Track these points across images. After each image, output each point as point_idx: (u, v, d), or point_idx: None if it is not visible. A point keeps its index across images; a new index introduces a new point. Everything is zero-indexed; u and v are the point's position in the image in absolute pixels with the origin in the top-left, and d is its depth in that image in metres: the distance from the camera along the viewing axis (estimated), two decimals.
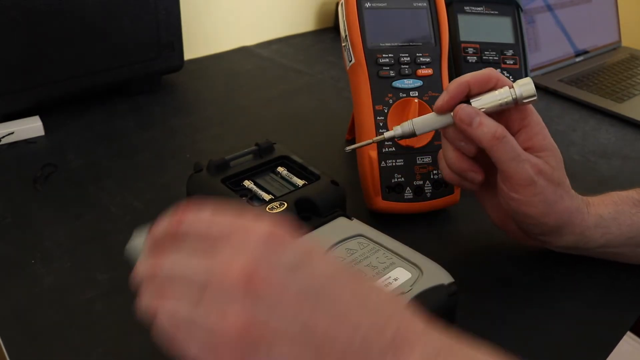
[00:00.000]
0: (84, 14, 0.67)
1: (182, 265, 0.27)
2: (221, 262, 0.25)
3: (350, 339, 0.24)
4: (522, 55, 0.63)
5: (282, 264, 0.25)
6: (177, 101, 0.78)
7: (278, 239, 0.26)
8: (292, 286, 0.25)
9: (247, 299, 0.24)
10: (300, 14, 1.11)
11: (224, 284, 0.24)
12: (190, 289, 0.26)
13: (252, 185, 0.45)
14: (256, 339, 0.24)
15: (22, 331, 0.40)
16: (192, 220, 0.28)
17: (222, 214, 0.27)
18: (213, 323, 0.24)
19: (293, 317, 0.24)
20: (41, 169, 0.60)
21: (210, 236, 0.27)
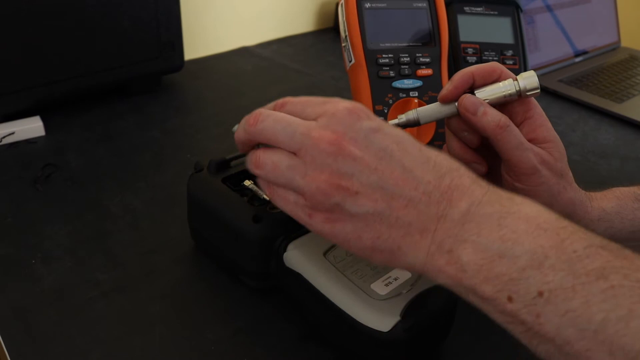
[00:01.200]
0: (84, 14, 0.67)
1: (284, 120, 0.33)
2: (316, 126, 0.32)
3: (415, 190, 0.30)
4: (521, 55, 0.63)
5: (363, 128, 0.31)
6: (177, 101, 0.78)
7: (359, 110, 0.32)
8: (371, 146, 0.31)
9: (338, 157, 0.31)
10: (300, 14, 1.11)
11: (319, 145, 0.31)
12: (289, 143, 0.32)
13: (252, 185, 0.45)
14: (343, 190, 0.31)
15: (23, 331, 0.40)
16: (292, 101, 0.35)
17: (316, 100, 0.34)
18: (310, 177, 0.31)
19: (373, 170, 0.31)
20: (42, 169, 0.60)
21: (306, 109, 0.34)
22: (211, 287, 0.45)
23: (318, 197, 0.31)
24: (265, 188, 0.35)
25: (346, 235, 0.31)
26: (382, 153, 0.31)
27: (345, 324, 0.36)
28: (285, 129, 0.33)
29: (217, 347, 0.40)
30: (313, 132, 0.32)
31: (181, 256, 0.48)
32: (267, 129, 0.33)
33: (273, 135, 0.33)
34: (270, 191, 0.35)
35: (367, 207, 0.30)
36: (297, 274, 0.39)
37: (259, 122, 0.34)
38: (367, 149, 0.31)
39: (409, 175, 0.31)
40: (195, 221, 0.47)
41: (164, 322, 0.41)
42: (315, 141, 0.31)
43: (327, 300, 0.37)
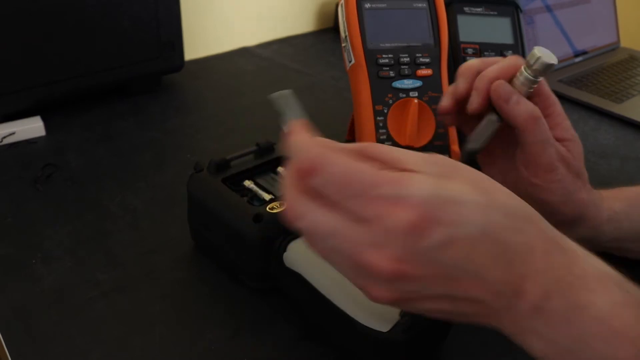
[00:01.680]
0: (84, 14, 0.67)
1: (325, 230, 0.27)
2: (367, 247, 0.26)
3: (485, 292, 0.27)
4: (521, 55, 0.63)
5: (429, 247, 0.26)
6: (177, 101, 0.78)
7: (423, 224, 0.25)
8: (438, 264, 0.26)
9: (398, 282, 0.26)
10: (300, 14, 1.11)
11: (374, 273, 0.26)
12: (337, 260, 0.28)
13: (252, 185, 0.45)
14: (406, 297, 0.27)
15: (23, 331, 0.40)
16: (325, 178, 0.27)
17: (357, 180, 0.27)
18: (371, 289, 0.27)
19: (441, 286, 0.27)
20: (42, 169, 0.60)
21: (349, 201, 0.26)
22: (211, 287, 0.45)
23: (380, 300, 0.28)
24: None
25: (419, 310, 0.29)
26: (450, 270, 0.26)
27: (345, 324, 0.36)
28: (325, 243, 0.27)
29: (217, 347, 0.40)
30: (364, 255, 0.26)
31: (181, 256, 0.48)
32: (306, 235, 0.28)
33: (311, 244, 0.28)
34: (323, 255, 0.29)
35: (435, 307, 0.28)
36: (297, 274, 0.39)
37: (294, 221, 0.28)
38: (433, 270, 0.26)
39: (480, 282, 0.27)
40: (195, 221, 0.47)
41: (164, 322, 0.41)
42: (371, 269, 0.26)
43: (327, 300, 0.37)
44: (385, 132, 0.52)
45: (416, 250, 0.26)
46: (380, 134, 0.52)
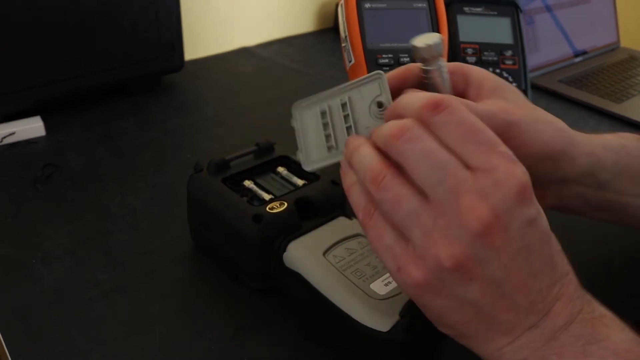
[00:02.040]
0: (84, 14, 0.68)
1: (435, 158, 0.27)
2: (472, 189, 0.26)
3: (526, 297, 0.27)
4: (521, 55, 0.63)
5: (522, 219, 0.26)
6: (177, 101, 0.78)
7: (528, 193, 0.27)
8: (519, 241, 0.27)
9: (477, 240, 0.26)
10: (300, 14, 1.11)
11: (465, 218, 0.26)
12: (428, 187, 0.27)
13: (252, 185, 0.45)
14: (462, 272, 0.26)
15: (23, 330, 0.40)
16: (456, 116, 0.27)
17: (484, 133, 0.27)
18: (433, 241, 0.27)
19: (503, 266, 0.27)
20: (42, 169, 0.60)
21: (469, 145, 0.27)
22: (211, 287, 0.45)
23: (428, 264, 0.27)
24: (363, 206, 0.30)
25: (431, 307, 0.29)
26: (522, 252, 0.27)
27: (345, 324, 0.36)
28: (430, 172, 0.27)
29: (217, 347, 0.40)
30: (465, 196, 0.26)
31: (181, 256, 0.48)
32: (409, 156, 0.27)
33: (412, 167, 0.27)
34: (367, 213, 0.29)
35: (473, 296, 0.27)
36: (296, 274, 0.39)
37: (402, 141, 0.27)
38: (511, 243, 0.26)
39: (531, 280, 0.27)
40: (195, 221, 0.47)
41: (164, 322, 0.41)
42: (463, 210, 0.26)
43: (327, 300, 0.37)
44: None
45: (513, 214, 0.26)
46: None
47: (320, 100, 0.34)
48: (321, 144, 0.34)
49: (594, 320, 0.28)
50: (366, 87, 0.33)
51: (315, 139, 0.34)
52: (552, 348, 0.27)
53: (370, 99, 0.33)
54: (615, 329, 0.28)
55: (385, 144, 0.29)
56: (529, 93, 0.62)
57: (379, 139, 0.29)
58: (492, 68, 0.62)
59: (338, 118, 0.34)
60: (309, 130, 0.35)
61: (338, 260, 0.39)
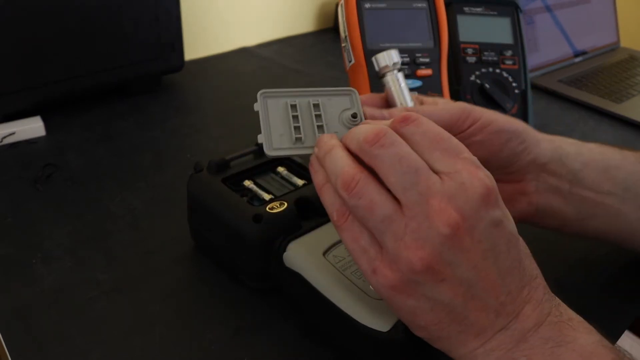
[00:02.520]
0: (84, 14, 0.68)
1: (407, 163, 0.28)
2: (440, 192, 0.27)
3: (496, 299, 0.28)
4: (521, 55, 0.63)
5: (488, 220, 0.28)
6: (177, 101, 0.78)
7: (492, 195, 0.28)
8: (486, 242, 0.28)
9: (445, 242, 0.27)
10: (300, 14, 1.11)
11: (434, 220, 0.27)
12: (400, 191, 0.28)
13: (252, 185, 0.45)
14: (432, 274, 0.27)
15: (23, 331, 0.40)
16: (422, 128, 0.30)
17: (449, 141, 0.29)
18: (404, 244, 0.27)
19: (473, 267, 0.28)
20: (42, 169, 0.60)
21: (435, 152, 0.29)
22: (211, 287, 0.45)
23: (401, 266, 0.28)
24: (337, 207, 0.30)
25: (404, 307, 0.29)
26: (490, 253, 0.28)
27: (345, 324, 0.36)
28: (403, 176, 0.28)
29: (217, 347, 0.40)
30: (434, 199, 0.27)
31: (181, 256, 0.48)
32: (384, 160, 0.29)
33: (385, 172, 0.29)
34: (342, 215, 0.30)
35: (445, 297, 0.28)
36: (296, 274, 0.39)
37: (377, 146, 0.29)
38: (479, 244, 0.28)
39: (500, 281, 0.28)
40: (195, 221, 0.47)
41: (164, 322, 0.41)
42: (432, 212, 0.27)
43: (327, 300, 0.37)
44: None
45: (478, 216, 0.27)
46: None
47: (288, 95, 0.37)
48: (286, 134, 0.36)
49: (561, 323, 0.29)
50: (337, 98, 0.36)
51: (280, 128, 0.36)
52: (522, 350, 0.28)
53: (340, 109, 0.36)
54: (582, 332, 0.29)
55: (360, 148, 0.30)
56: (529, 93, 0.62)
57: (352, 142, 0.31)
58: (492, 68, 0.62)
59: (308, 115, 0.36)
60: (273, 118, 0.36)
61: (338, 260, 0.39)
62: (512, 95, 0.61)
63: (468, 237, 0.27)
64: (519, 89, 0.62)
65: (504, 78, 0.62)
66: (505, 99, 0.61)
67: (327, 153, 0.31)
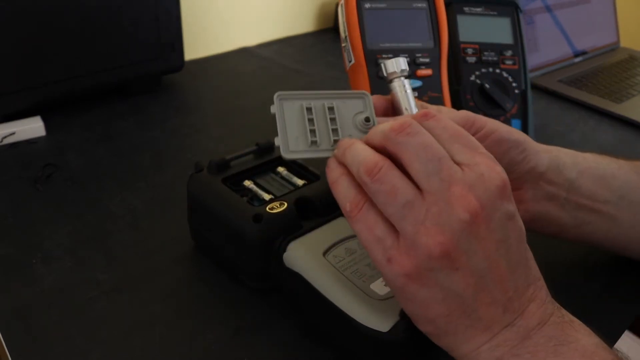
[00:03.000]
0: (84, 14, 0.68)
1: (431, 151, 0.29)
2: (461, 180, 0.29)
3: (504, 293, 0.29)
4: (521, 55, 0.63)
5: (503, 211, 0.29)
6: (178, 101, 0.78)
7: (507, 189, 0.30)
8: (499, 232, 0.29)
9: (464, 229, 0.28)
10: (300, 14, 1.11)
11: (455, 205, 0.28)
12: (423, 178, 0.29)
13: (252, 185, 0.45)
14: (448, 260, 0.28)
15: (23, 331, 0.40)
16: (443, 123, 0.31)
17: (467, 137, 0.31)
18: (424, 229, 0.28)
19: (486, 257, 0.29)
20: (42, 169, 0.60)
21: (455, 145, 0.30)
22: (211, 287, 0.45)
23: (419, 252, 0.28)
24: (352, 198, 0.31)
25: (416, 298, 0.30)
26: (502, 244, 0.29)
27: (345, 324, 0.36)
28: (427, 163, 0.29)
29: (217, 347, 0.40)
30: (456, 186, 0.28)
31: (181, 256, 0.48)
32: (408, 149, 0.30)
33: (410, 158, 0.29)
34: (356, 205, 0.31)
35: (457, 287, 0.29)
36: (296, 274, 0.39)
37: (403, 134, 0.30)
38: (493, 233, 0.29)
39: (509, 275, 0.29)
40: (195, 221, 0.47)
41: (164, 322, 0.41)
42: (454, 199, 0.28)
43: (327, 300, 0.37)
44: None
45: (495, 206, 0.29)
46: None
47: (303, 97, 0.37)
48: (302, 136, 0.36)
49: (564, 324, 0.30)
50: (351, 101, 0.37)
51: (296, 131, 0.36)
52: (526, 347, 0.29)
53: (353, 112, 0.36)
54: (583, 334, 0.30)
55: (386, 136, 0.31)
56: (529, 93, 0.62)
57: (377, 135, 0.32)
58: (492, 68, 0.62)
59: (322, 118, 0.36)
60: (290, 120, 0.36)
61: (338, 261, 0.39)
62: (512, 95, 0.61)
63: (484, 226, 0.28)
64: (519, 89, 0.62)
65: (504, 78, 0.62)
66: (505, 99, 0.61)
67: (347, 148, 0.32)
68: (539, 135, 0.72)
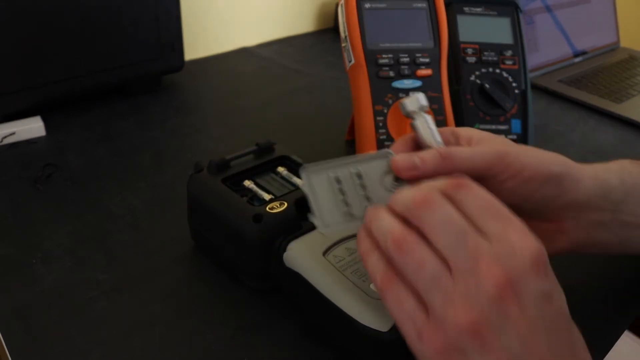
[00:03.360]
0: (85, 14, 0.68)
1: (456, 224, 0.29)
2: (488, 253, 0.27)
3: None
4: (521, 55, 0.63)
5: (537, 290, 0.27)
6: (178, 101, 0.78)
7: (543, 264, 0.28)
8: (533, 311, 0.27)
9: (493, 305, 0.27)
10: (300, 14, 1.11)
11: (483, 281, 0.27)
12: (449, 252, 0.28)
13: (252, 185, 0.45)
14: (479, 339, 0.27)
15: (23, 331, 0.40)
16: (472, 193, 0.30)
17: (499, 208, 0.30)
18: (453, 305, 0.27)
19: (519, 338, 0.27)
20: (42, 169, 0.60)
21: (484, 216, 0.29)
22: (211, 287, 0.45)
23: (448, 329, 0.27)
24: (382, 272, 0.30)
25: None
26: (538, 324, 0.27)
27: (345, 324, 0.36)
28: (452, 238, 0.28)
29: (217, 347, 0.40)
30: (483, 260, 0.27)
31: (181, 256, 0.48)
32: (433, 223, 0.29)
33: (434, 233, 0.29)
34: (387, 279, 0.30)
35: None
36: (297, 274, 0.39)
37: (426, 208, 0.29)
38: (527, 311, 0.27)
39: None
40: (195, 221, 0.47)
41: (164, 322, 0.41)
42: (481, 273, 0.27)
43: (327, 300, 0.37)
44: (385, 132, 0.52)
45: (527, 283, 0.27)
46: (380, 134, 0.52)
47: (328, 167, 0.36)
48: (335, 208, 0.36)
49: None
50: (376, 162, 0.36)
51: (328, 203, 0.36)
52: None
53: (380, 173, 0.36)
54: None
55: (408, 210, 0.30)
56: (529, 93, 0.62)
57: (399, 205, 0.31)
58: (492, 68, 0.62)
59: (352, 187, 0.36)
60: (320, 194, 0.36)
61: (338, 260, 0.39)
62: (512, 95, 0.61)
63: (515, 303, 0.27)
64: (519, 89, 0.62)
65: (504, 78, 0.62)
66: (505, 99, 0.61)
67: (373, 219, 0.32)
68: (539, 135, 0.72)
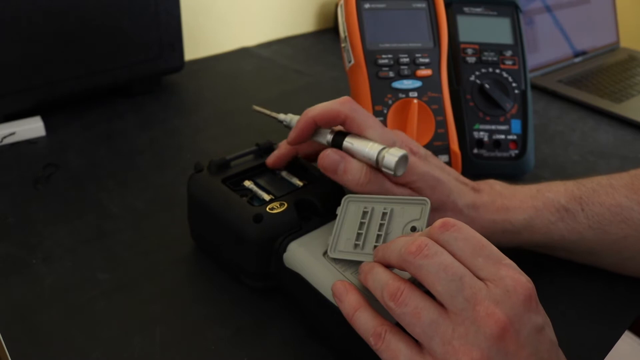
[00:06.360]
0: (85, 15, 0.68)
1: (452, 271, 0.29)
2: (486, 297, 0.29)
3: None
4: (521, 55, 0.63)
5: (532, 324, 0.29)
6: (178, 101, 0.78)
7: (534, 299, 0.30)
8: (529, 346, 0.29)
9: (492, 345, 0.28)
10: (300, 14, 1.11)
11: (483, 323, 0.28)
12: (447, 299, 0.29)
13: (252, 185, 0.45)
14: None
15: (24, 331, 0.40)
16: (464, 233, 0.31)
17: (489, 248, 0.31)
18: (453, 349, 0.28)
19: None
20: (42, 169, 0.60)
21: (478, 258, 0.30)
22: (211, 287, 0.45)
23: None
24: (373, 330, 0.32)
25: None
26: (533, 357, 0.29)
27: (344, 324, 0.36)
28: (449, 284, 0.29)
29: (217, 347, 0.40)
30: (481, 305, 0.28)
31: (181, 256, 0.48)
32: (428, 271, 0.30)
33: (431, 281, 0.30)
34: (379, 337, 0.31)
35: None
36: (297, 274, 0.39)
37: (421, 257, 0.30)
38: (523, 348, 0.28)
39: None
40: (196, 221, 0.47)
41: (164, 322, 0.42)
42: (479, 317, 0.28)
43: (327, 300, 0.37)
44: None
45: (523, 319, 0.28)
46: None
47: (369, 200, 0.38)
48: (351, 239, 0.37)
49: None
50: (410, 207, 0.37)
51: (348, 232, 0.38)
52: None
53: (409, 219, 0.36)
54: None
55: (403, 259, 0.31)
56: (529, 93, 0.62)
57: (393, 255, 0.32)
58: (492, 68, 0.63)
59: (375, 223, 0.37)
60: (347, 223, 0.38)
61: (338, 261, 0.39)
62: (512, 96, 0.61)
63: (514, 341, 0.28)
64: (518, 89, 0.62)
65: (503, 78, 0.62)
66: (505, 99, 0.61)
67: (368, 272, 0.33)
68: (539, 135, 0.72)
